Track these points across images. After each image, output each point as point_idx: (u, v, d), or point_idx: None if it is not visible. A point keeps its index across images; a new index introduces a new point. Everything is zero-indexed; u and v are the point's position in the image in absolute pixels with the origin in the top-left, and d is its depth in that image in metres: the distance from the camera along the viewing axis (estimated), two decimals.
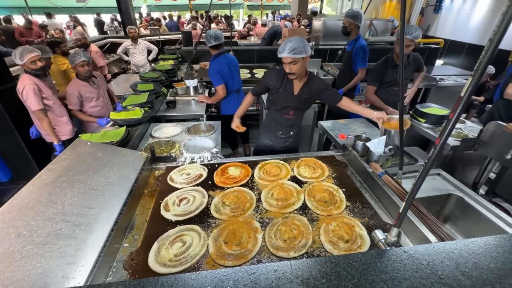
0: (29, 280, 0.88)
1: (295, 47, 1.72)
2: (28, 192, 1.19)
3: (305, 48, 1.77)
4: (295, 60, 1.78)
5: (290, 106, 2.11)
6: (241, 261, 1.08)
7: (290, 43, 1.73)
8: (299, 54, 1.75)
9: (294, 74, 1.86)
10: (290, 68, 1.83)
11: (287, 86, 2.05)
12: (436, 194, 1.83)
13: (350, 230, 1.23)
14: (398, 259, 0.79)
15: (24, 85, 2.46)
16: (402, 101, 1.33)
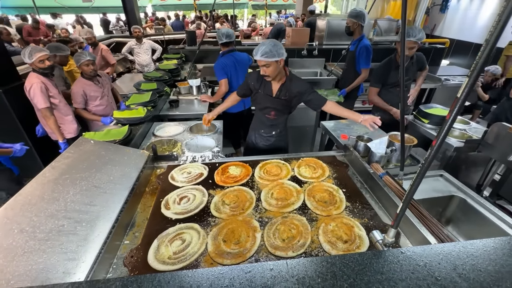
0: (31, 274, 0.90)
1: (267, 51, 1.75)
2: (31, 189, 1.21)
3: (278, 51, 1.78)
4: (268, 63, 1.80)
5: (270, 107, 2.14)
6: (239, 259, 1.09)
7: (263, 47, 1.76)
8: (272, 57, 1.77)
9: (268, 76, 1.89)
10: (264, 71, 1.86)
11: (266, 87, 2.08)
12: (438, 196, 1.81)
13: (349, 230, 1.22)
14: (395, 260, 0.79)
15: (31, 84, 2.50)
16: (404, 101, 1.32)
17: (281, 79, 2.01)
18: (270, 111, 2.16)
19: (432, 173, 2.04)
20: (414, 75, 2.80)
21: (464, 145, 2.16)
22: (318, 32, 5.29)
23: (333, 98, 3.23)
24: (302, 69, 4.91)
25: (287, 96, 2.04)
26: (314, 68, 4.99)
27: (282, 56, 1.81)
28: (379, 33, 4.90)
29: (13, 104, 3.03)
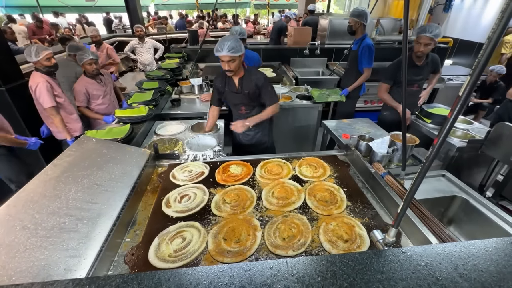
0: (32, 271, 0.91)
1: (234, 46, 1.83)
2: (33, 186, 1.22)
3: (240, 47, 1.90)
4: (233, 58, 1.89)
5: (238, 103, 2.26)
6: (239, 258, 1.09)
7: (228, 42, 1.83)
8: (237, 52, 1.87)
9: (232, 71, 1.98)
10: (229, 66, 1.93)
11: (230, 84, 2.19)
12: (440, 196, 1.80)
13: (350, 230, 1.22)
14: (395, 259, 0.79)
15: (37, 83, 2.52)
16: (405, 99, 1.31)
17: (239, 73, 2.11)
18: (240, 106, 2.28)
19: (434, 173, 2.03)
20: (428, 75, 2.75)
21: (466, 145, 2.14)
22: (320, 32, 5.28)
23: (335, 98, 3.21)
24: (304, 68, 4.91)
25: (248, 89, 2.13)
26: (316, 68, 4.97)
27: (243, 51, 1.95)
28: (381, 32, 4.88)
29: (16, 103, 3.05)
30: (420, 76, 2.61)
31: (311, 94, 3.26)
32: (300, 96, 3.32)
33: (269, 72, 4.33)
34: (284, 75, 4.37)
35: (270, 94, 2.15)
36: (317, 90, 3.37)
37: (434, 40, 2.30)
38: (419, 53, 2.41)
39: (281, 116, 3.20)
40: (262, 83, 2.10)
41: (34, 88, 2.54)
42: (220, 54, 1.88)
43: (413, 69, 2.55)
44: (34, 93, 2.56)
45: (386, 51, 4.86)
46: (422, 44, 2.34)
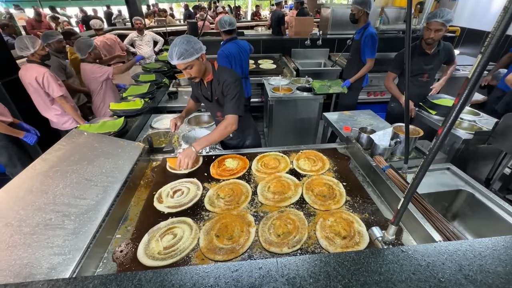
0: (14, 270, 0.87)
1: (182, 52, 1.48)
2: (20, 182, 1.18)
3: (195, 47, 1.51)
4: (189, 64, 1.54)
5: (213, 110, 1.95)
6: (231, 255, 1.04)
7: (175, 48, 1.48)
8: (190, 56, 1.50)
9: (195, 77, 1.64)
10: (189, 73, 1.60)
11: (202, 88, 1.86)
12: (445, 190, 1.73)
13: (348, 226, 1.16)
14: (394, 259, 0.73)
15: (42, 73, 2.48)
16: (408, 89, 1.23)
17: (207, 77, 1.75)
18: (215, 112, 1.95)
19: (438, 166, 1.95)
20: (439, 65, 2.61)
21: (473, 137, 2.05)
22: (322, 22, 5.13)
23: (336, 89, 3.11)
24: (305, 59, 4.79)
25: (217, 95, 1.79)
26: (317, 59, 4.85)
27: (201, 51, 1.56)
28: (386, 21, 4.72)
29: (13, 97, 3.02)
30: (430, 65, 2.47)
31: (311, 85, 3.17)
32: (301, 88, 3.23)
33: (270, 63, 4.23)
34: (285, 66, 4.26)
35: (230, 102, 1.68)
36: (318, 82, 3.27)
37: (445, 25, 2.17)
38: (429, 40, 2.28)
39: (281, 108, 3.12)
40: (226, 87, 1.68)
41: (41, 79, 2.48)
42: (173, 63, 1.54)
43: (423, 57, 2.43)
44: (41, 83, 2.50)
45: (390, 41, 4.72)
46: (432, 30, 2.21)
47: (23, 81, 2.57)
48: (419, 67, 2.49)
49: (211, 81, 1.77)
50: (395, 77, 2.66)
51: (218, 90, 1.75)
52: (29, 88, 2.58)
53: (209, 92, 1.81)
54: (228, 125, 1.65)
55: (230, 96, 1.69)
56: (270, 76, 3.67)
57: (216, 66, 1.78)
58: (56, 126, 2.85)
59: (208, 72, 1.73)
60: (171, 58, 1.52)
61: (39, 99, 2.63)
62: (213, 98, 1.82)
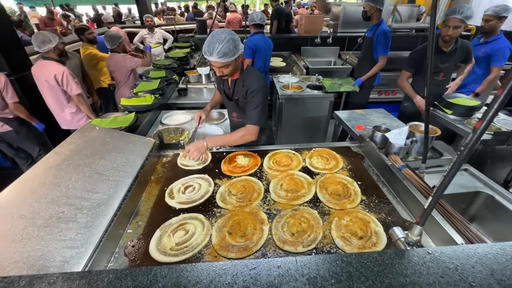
0: (27, 262, 0.87)
1: (226, 51, 1.37)
2: (33, 174, 1.18)
3: (236, 47, 1.42)
4: (226, 64, 1.44)
5: (230, 108, 1.87)
6: (244, 253, 1.02)
7: (219, 45, 1.36)
8: (232, 56, 1.41)
9: (227, 75, 1.55)
10: (222, 72, 1.50)
11: (224, 83, 1.78)
12: (462, 191, 1.67)
13: (365, 226, 1.13)
14: (420, 261, 0.70)
15: (62, 71, 2.49)
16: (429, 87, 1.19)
17: (234, 75, 1.65)
18: (231, 111, 1.88)
19: None
20: (456, 63, 2.52)
21: (492, 137, 1.98)
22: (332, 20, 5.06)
23: (347, 88, 3.06)
24: (315, 58, 4.73)
25: (238, 96, 1.69)
26: (327, 57, 4.79)
27: (241, 50, 1.47)
28: (398, 19, 4.63)
29: (25, 92, 3.06)
30: (446, 64, 2.40)
31: (322, 83, 3.12)
32: (311, 86, 3.19)
33: (279, 61, 4.20)
34: (294, 64, 4.22)
35: (253, 111, 1.56)
36: (329, 80, 3.22)
37: (464, 22, 2.09)
38: (447, 37, 2.21)
39: (290, 106, 3.08)
40: (250, 94, 1.57)
41: (60, 77, 2.50)
42: (210, 59, 1.43)
43: (439, 55, 2.35)
44: (59, 81, 2.52)
45: (402, 39, 4.62)
46: (450, 27, 2.14)
47: (37, 77, 2.59)
48: (435, 65, 2.42)
49: (236, 80, 1.66)
50: (409, 76, 2.59)
51: (241, 92, 1.64)
52: (43, 85, 2.59)
53: (231, 90, 1.71)
54: (246, 135, 1.55)
55: (253, 105, 1.57)
56: (280, 74, 3.64)
57: (246, 64, 1.66)
58: (69, 125, 2.88)
59: (236, 71, 1.61)
60: (210, 54, 1.39)
61: (54, 96, 2.66)
62: (233, 97, 1.73)
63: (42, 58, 2.58)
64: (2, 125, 2.71)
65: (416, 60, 2.45)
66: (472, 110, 2.34)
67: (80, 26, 3.88)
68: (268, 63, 3.39)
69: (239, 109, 1.78)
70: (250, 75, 1.61)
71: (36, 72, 2.60)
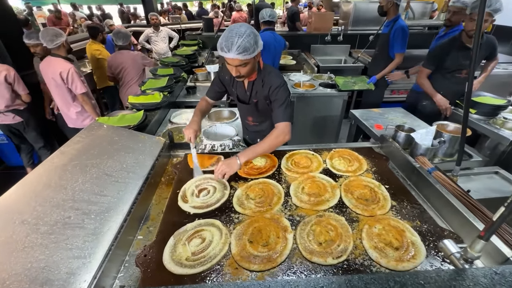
0: (29, 274, 0.78)
1: (247, 46, 1.21)
2: (37, 176, 1.09)
3: (257, 43, 1.27)
4: (245, 62, 1.28)
5: (245, 111, 1.71)
6: (268, 265, 0.91)
7: (239, 39, 1.19)
8: (252, 53, 1.25)
9: (243, 77, 1.39)
10: (238, 71, 1.33)
11: (238, 85, 1.61)
12: (495, 196, 1.55)
13: (400, 235, 1.02)
14: (489, 282, 0.59)
15: (68, 68, 2.44)
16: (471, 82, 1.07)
17: (251, 76, 1.50)
18: (246, 115, 1.75)
19: (484, 169, 1.77)
20: (480, 60, 2.37)
21: None
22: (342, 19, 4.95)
23: (362, 86, 2.94)
24: (325, 56, 4.62)
25: (257, 98, 1.55)
26: (337, 56, 4.67)
27: (260, 47, 1.32)
28: (411, 17, 4.49)
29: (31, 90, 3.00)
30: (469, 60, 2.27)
31: (335, 82, 3.01)
32: (323, 84, 3.08)
33: (289, 59, 4.09)
34: (305, 62, 4.11)
35: (279, 108, 1.42)
36: (342, 78, 3.11)
37: (492, 16, 1.96)
38: (472, 32, 2.09)
39: (302, 105, 2.97)
40: (273, 91, 1.44)
41: (66, 74, 2.44)
42: (226, 56, 1.25)
43: (462, 52, 2.22)
44: (65, 79, 2.46)
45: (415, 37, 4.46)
46: (474, 21, 2.02)
47: (45, 74, 2.54)
48: (457, 62, 2.29)
49: (254, 81, 1.51)
50: (429, 73, 2.46)
51: (261, 93, 1.51)
52: (50, 83, 2.54)
53: (248, 93, 1.56)
54: (280, 135, 1.36)
55: (279, 102, 1.42)
56: (290, 72, 3.53)
57: (262, 63, 1.50)
58: (74, 124, 2.80)
59: (253, 71, 1.46)
60: (227, 50, 1.21)
61: (60, 94, 2.60)
62: (251, 100, 1.58)
63: (51, 55, 2.52)
64: (14, 116, 2.81)
65: (437, 57, 2.32)
66: (498, 109, 2.22)
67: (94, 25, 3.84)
68: (277, 61, 3.23)
69: (257, 112, 1.65)
70: (269, 74, 1.48)
71: (43, 69, 2.55)
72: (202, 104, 1.70)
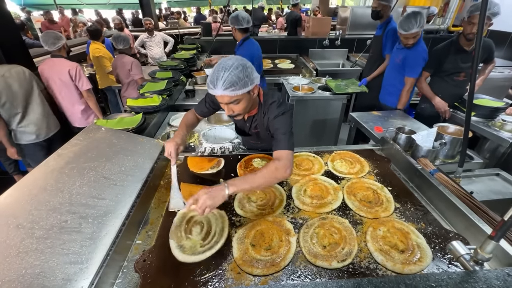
0: (24, 281, 0.74)
1: (235, 80, 1.06)
2: (33, 179, 1.06)
3: (250, 77, 1.10)
4: (237, 99, 1.12)
5: (246, 134, 1.56)
6: (272, 269, 0.89)
7: (225, 73, 1.05)
8: (243, 88, 1.09)
9: (240, 115, 1.23)
10: (231, 109, 1.18)
11: None
12: (497, 198, 1.54)
13: (405, 237, 1.00)
14: (503, 285, 0.57)
15: (75, 66, 2.55)
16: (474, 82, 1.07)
17: (251, 111, 1.36)
18: (248, 138, 1.66)
19: (486, 171, 1.77)
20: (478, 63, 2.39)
21: None
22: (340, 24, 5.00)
23: (355, 89, 2.94)
24: (323, 60, 4.64)
25: (258, 129, 1.44)
26: (335, 60, 4.70)
27: (255, 81, 1.14)
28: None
29: None
30: (468, 63, 2.28)
31: (327, 85, 3.01)
32: (322, 87, 3.08)
33: (288, 63, 4.11)
34: (303, 66, 4.13)
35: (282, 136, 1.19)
36: (333, 81, 3.11)
37: (490, 19, 1.99)
38: (471, 36, 2.10)
39: (301, 109, 2.97)
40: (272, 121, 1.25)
41: (74, 71, 2.52)
42: (214, 93, 1.11)
43: (460, 55, 2.24)
44: (73, 76, 2.53)
45: None
46: (475, 24, 2.03)
47: (48, 75, 2.55)
48: (455, 65, 2.31)
49: (254, 115, 1.38)
50: (428, 76, 2.48)
51: (262, 125, 1.37)
52: (55, 83, 2.57)
53: (248, 124, 1.44)
54: (280, 168, 1.07)
55: (281, 130, 1.20)
56: (289, 75, 3.54)
57: (262, 95, 1.33)
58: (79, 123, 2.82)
59: (253, 107, 1.32)
60: (213, 86, 1.08)
61: (67, 93, 2.64)
62: (250, 132, 1.48)
63: (52, 57, 2.57)
64: None
65: (435, 60, 2.34)
66: (496, 111, 2.23)
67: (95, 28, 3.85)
68: (261, 65, 3.11)
69: (259, 140, 1.56)
70: (270, 105, 1.30)
71: (45, 71, 2.56)
72: (189, 118, 1.51)
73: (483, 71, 2.50)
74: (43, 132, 2.43)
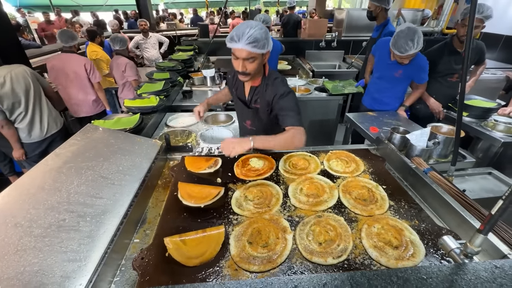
0: (22, 278, 0.75)
1: (258, 38, 1.20)
2: (31, 178, 1.07)
3: (268, 40, 1.27)
4: (253, 56, 1.26)
5: (243, 114, 1.64)
6: (268, 266, 0.90)
7: (251, 30, 1.19)
8: (262, 48, 1.24)
9: (248, 74, 1.33)
10: (245, 66, 1.29)
11: (239, 87, 1.58)
12: (489, 196, 1.58)
13: (399, 234, 1.02)
14: (490, 276, 0.59)
15: (90, 61, 2.88)
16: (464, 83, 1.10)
17: (255, 81, 1.47)
18: (244, 118, 1.68)
19: (478, 170, 1.80)
20: (470, 64, 2.42)
21: None
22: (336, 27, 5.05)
23: (351, 89, 2.98)
24: (319, 61, 4.69)
25: (258, 105, 1.50)
26: (332, 61, 4.75)
27: (270, 47, 1.31)
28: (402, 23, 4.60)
29: None
30: (460, 65, 2.33)
31: (324, 86, 3.04)
32: (318, 88, 3.11)
33: (284, 64, 4.14)
34: (300, 67, 4.16)
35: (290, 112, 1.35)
36: (330, 82, 3.15)
37: (483, 22, 2.03)
38: (464, 38, 2.15)
39: None
40: (279, 99, 1.38)
41: (89, 65, 2.85)
42: (235, 47, 1.23)
43: (454, 56, 2.29)
44: (88, 70, 2.84)
45: None
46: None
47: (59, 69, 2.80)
48: (449, 66, 2.35)
49: (257, 87, 1.47)
50: None
51: (264, 99, 1.45)
52: (68, 76, 2.83)
53: (250, 97, 1.51)
54: (297, 135, 1.26)
55: (289, 107, 1.35)
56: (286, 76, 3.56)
57: (267, 70, 1.46)
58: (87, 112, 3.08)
59: (258, 75, 1.43)
60: (237, 39, 1.20)
61: (81, 85, 2.91)
62: (251, 105, 1.53)
63: (63, 52, 2.84)
64: None
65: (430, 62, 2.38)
66: (489, 112, 2.27)
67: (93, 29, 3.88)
68: (274, 66, 3.26)
69: (257, 118, 1.60)
70: (274, 79, 1.43)
71: (57, 65, 2.79)
72: (220, 93, 1.84)
73: (475, 72, 2.56)
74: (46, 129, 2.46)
